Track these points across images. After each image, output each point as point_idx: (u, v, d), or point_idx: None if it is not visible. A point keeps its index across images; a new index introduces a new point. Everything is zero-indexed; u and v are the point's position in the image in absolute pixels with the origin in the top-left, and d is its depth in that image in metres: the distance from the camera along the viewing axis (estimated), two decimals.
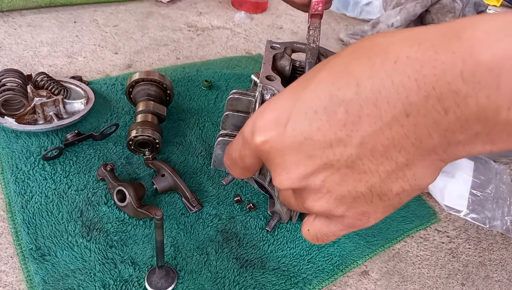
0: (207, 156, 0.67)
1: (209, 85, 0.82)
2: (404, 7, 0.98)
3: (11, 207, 0.54)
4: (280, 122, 0.26)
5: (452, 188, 0.68)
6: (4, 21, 0.93)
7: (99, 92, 0.75)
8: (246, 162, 0.30)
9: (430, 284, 0.56)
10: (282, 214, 0.56)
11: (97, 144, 0.65)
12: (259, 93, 0.47)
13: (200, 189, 0.62)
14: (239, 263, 0.53)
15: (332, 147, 0.24)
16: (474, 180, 0.71)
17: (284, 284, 0.52)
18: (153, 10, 1.11)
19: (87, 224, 0.54)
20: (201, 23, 1.10)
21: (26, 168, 0.59)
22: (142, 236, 0.54)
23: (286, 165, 0.26)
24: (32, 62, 0.82)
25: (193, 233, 0.56)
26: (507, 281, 0.59)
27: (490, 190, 0.70)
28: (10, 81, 0.64)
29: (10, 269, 0.49)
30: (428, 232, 0.64)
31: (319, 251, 0.56)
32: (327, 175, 0.26)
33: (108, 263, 0.50)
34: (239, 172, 0.32)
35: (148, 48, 0.94)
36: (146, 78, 0.68)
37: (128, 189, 0.54)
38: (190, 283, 0.50)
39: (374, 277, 0.56)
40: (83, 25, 0.97)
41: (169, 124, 0.72)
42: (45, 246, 0.51)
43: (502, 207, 0.68)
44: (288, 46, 0.55)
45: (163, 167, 0.60)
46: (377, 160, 0.25)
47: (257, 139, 0.27)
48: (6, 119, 0.63)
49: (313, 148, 0.25)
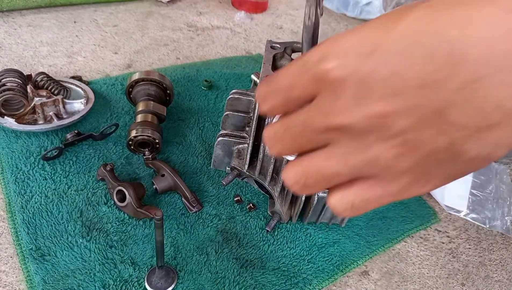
0: (207, 156, 0.67)
1: (209, 85, 0.82)
2: None
3: (11, 207, 0.54)
4: (362, 51, 0.23)
5: (452, 188, 0.68)
6: (4, 21, 0.93)
7: (99, 92, 0.75)
8: (295, 92, 0.26)
9: (430, 284, 0.56)
10: (282, 214, 0.56)
11: (97, 144, 0.65)
12: None
13: (200, 189, 0.62)
14: (239, 263, 0.53)
15: (424, 88, 0.22)
16: (474, 180, 0.71)
17: (284, 284, 0.52)
18: (153, 10, 1.11)
19: (87, 224, 0.54)
20: (201, 23, 1.10)
21: (26, 168, 0.59)
22: (142, 236, 0.54)
23: (360, 99, 0.23)
24: (32, 62, 0.82)
25: (193, 233, 0.56)
26: (507, 281, 0.59)
27: (490, 190, 0.70)
28: (10, 81, 0.64)
29: (10, 269, 0.49)
30: (428, 232, 0.64)
31: (319, 251, 0.56)
32: (409, 119, 0.23)
33: (108, 263, 0.50)
34: (277, 104, 0.27)
35: (148, 48, 0.94)
36: (146, 78, 0.68)
37: (128, 189, 0.54)
38: (190, 283, 0.50)
39: (374, 277, 0.56)
40: (83, 25, 0.97)
41: (169, 124, 0.72)
42: (45, 246, 0.50)
43: (502, 207, 0.68)
44: (288, 46, 0.55)
45: (163, 167, 0.60)
46: (470, 111, 0.23)
47: (328, 65, 0.23)
48: (6, 119, 0.63)
49: (400, 86, 0.22)
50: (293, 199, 0.56)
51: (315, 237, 0.58)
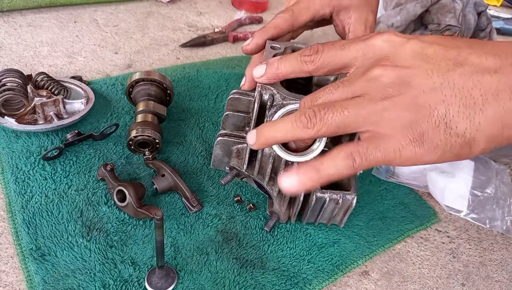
0: (207, 156, 0.67)
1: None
2: (404, 7, 0.98)
3: (11, 207, 0.54)
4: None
5: (452, 188, 0.68)
6: (4, 21, 0.93)
7: (99, 92, 0.75)
8: (343, 55, 0.40)
9: (430, 284, 0.56)
10: (280, 214, 0.56)
11: (97, 144, 0.65)
12: (258, 93, 0.47)
13: (200, 189, 0.62)
14: (239, 263, 0.53)
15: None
16: (475, 180, 0.71)
17: (284, 284, 0.52)
18: (153, 10, 1.11)
19: (87, 224, 0.54)
20: (201, 23, 1.10)
21: (26, 168, 0.59)
22: (142, 236, 0.54)
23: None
24: (32, 62, 0.82)
25: (193, 233, 0.56)
26: (507, 281, 0.59)
27: (490, 190, 0.70)
28: (10, 81, 0.64)
29: (10, 269, 0.49)
30: (429, 232, 0.64)
31: (319, 251, 0.56)
32: (424, 78, 0.34)
33: (108, 263, 0.50)
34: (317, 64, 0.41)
35: (148, 48, 0.94)
36: (146, 78, 0.68)
37: (128, 189, 0.54)
38: (190, 283, 0.50)
39: (375, 277, 0.56)
40: (83, 25, 0.97)
41: (169, 124, 0.72)
42: (45, 246, 0.51)
43: (503, 207, 0.68)
44: (288, 46, 0.55)
45: (163, 167, 0.60)
46: (463, 92, 0.33)
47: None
48: (6, 119, 0.63)
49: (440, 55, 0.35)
50: (291, 199, 0.56)
51: (315, 237, 0.58)
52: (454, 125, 0.34)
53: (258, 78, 0.46)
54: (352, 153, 0.36)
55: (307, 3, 0.59)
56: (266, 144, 0.41)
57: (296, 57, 0.42)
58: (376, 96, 0.35)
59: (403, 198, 0.67)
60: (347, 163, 0.36)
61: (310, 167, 0.38)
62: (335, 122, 0.36)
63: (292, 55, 0.43)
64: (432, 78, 0.34)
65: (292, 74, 0.44)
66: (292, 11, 0.58)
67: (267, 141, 0.41)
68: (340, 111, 0.36)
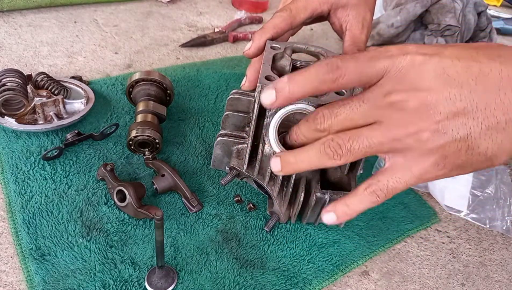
0: (207, 156, 0.67)
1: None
2: (404, 7, 0.98)
3: (11, 207, 0.54)
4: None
5: (452, 188, 0.68)
6: (4, 21, 0.93)
7: (99, 92, 0.75)
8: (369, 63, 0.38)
9: (430, 284, 0.56)
10: (280, 214, 0.56)
11: (97, 144, 0.65)
12: (258, 93, 0.47)
13: (200, 189, 0.62)
14: (239, 263, 0.53)
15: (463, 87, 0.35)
16: (475, 180, 0.71)
17: (284, 284, 0.52)
18: (153, 10, 1.11)
19: (87, 224, 0.54)
20: (201, 23, 1.10)
21: (26, 168, 0.59)
22: (142, 236, 0.54)
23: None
24: (32, 62, 0.82)
25: (193, 233, 0.56)
26: (507, 281, 0.59)
27: (490, 190, 0.70)
28: (10, 81, 0.64)
29: (10, 269, 0.49)
30: (429, 232, 0.64)
31: (319, 251, 0.56)
32: (447, 103, 0.34)
33: (108, 263, 0.50)
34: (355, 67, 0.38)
35: (148, 48, 0.94)
36: (146, 78, 0.68)
37: (128, 189, 0.54)
38: (190, 283, 0.50)
39: (375, 277, 0.56)
40: (83, 25, 0.97)
41: (169, 124, 0.72)
42: (45, 246, 0.51)
43: (503, 207, 0.68)
44: (288, 46, 0.55)
45: (163, 167, 0.60)
46: (486, 113, 0.34)
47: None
48: (6, 119, 0.63)
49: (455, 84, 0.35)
50: (291, 200, 0.56)
51: (315, 237, 0.58)
52: (476, 146, 0.35)
53: (270, 105, 0.40)
54: (375, 191, 0.39)
55: (305, 1, 0.58)
56: (292, 173, 0.45)
57: (316, 75, 0.38)
58: (399, 124, 0.36)
59: (403, 198, 0.67)
60: (371, 199, 0.40)
61: (342, 205, 0.41)
62: (361, 152, 0.38)
63: (311, 72, 0.38)
64: (455, 103, 0.34)
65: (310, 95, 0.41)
66: (290, 9, 0.57)
67: (293, 171, 0.43)
68: (365, 142, 0.37)
